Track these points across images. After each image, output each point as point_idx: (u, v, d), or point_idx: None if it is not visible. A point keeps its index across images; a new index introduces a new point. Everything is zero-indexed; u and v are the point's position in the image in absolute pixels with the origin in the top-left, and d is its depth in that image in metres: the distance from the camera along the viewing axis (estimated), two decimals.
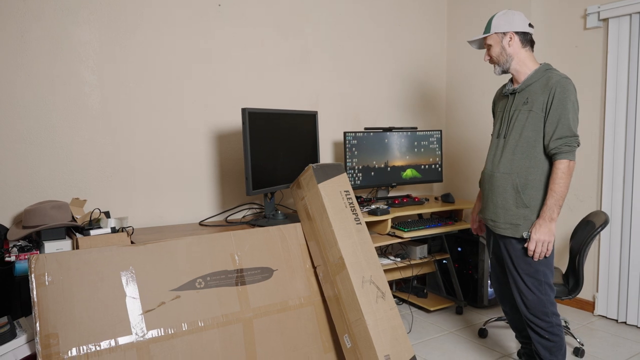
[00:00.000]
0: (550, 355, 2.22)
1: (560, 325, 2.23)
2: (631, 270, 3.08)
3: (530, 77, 2.19)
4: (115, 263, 1.90)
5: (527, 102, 2.16)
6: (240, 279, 2.14)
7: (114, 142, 2.61)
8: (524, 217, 2.16)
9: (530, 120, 2.14)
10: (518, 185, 2.16)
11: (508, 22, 2.20)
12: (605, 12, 3.08)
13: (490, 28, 2.24)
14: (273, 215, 2.66)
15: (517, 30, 2.19)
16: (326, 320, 2.33)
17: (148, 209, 2.72)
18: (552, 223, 2.08)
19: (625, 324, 3.16)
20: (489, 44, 2.26)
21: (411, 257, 3.34)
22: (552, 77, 2.12)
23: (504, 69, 2.25)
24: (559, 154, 2.07)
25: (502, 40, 2.21)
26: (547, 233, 2.08)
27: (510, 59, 2.22)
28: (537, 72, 2.18)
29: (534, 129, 2.13)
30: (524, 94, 2.19)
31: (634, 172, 3.03)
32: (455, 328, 3.15)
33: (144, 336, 1.86)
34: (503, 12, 2.23)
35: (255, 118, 2.52)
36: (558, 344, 2.22)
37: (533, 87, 2.16)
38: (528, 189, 2.15)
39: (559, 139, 2.07)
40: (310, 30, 3.27)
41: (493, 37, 2.23)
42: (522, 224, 2.16)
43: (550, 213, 2.08)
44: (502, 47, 2.21)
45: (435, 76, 3.99)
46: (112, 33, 2.56)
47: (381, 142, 3.34)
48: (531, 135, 2.14)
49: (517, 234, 2.18)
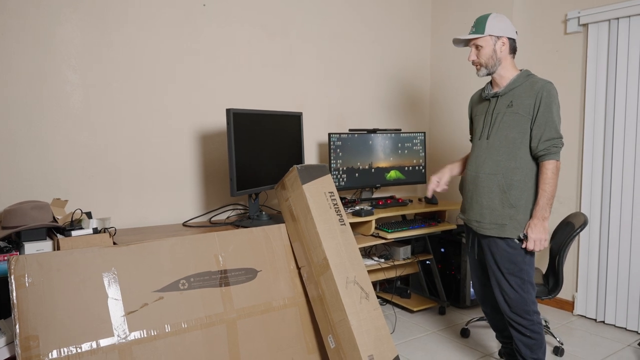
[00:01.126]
0: (531, 353, 2.26)
1: (541, 323, 2.27)
2: (609, 270, 3.15)
3: (514, 81, 2.22)
4: (97, 264, 1.88)
5: (511, 105, 2.20)
6: (224, 280, 2.14)
7: (96, 142, 2.58)
8: (509, 217, 2.19)
9: (515, 123, 2.18)
10: (504, 186, 2.19)
11: (503, 26, 2.21)
12: (585, 18, 3.14)
13: (485, 29, 2.21)
14: (257, 216, 2.66)
15: (510, 36, 2.23)
16: (310, 321, 2.33)
17: (131, 210, 2.70)
18: (545, 222, 2.14)
19: (603, 323, 3.22)
20: (480, 45, 2.23)
21: (395, 258, 3.36)
22: (536, 82, 2.17)
23: (490, 72, 2.26)
24: (548, 155, 2.13)
25: (496, 44, 2.22)
26: (542, 231, 2.14)
27: (498, 63, 2.24)
28: (520, 77, 2.23)
29: (520, 130, 2.17)
30: (507, 97, 2.23)
31: (612, 175, 3.09)
32: (438, 328, 3.17)
33: (126, 338, 1.84)
34: (495, 15, 2.23)
35: (239, 119, 2.52)
36: (539, 342, 2.26)
37: (517, 91, 2.20)
38: (513, 189, 2.18)
39: (547, 141, 2.12)
40: (296, 31, 3.28)
41: (486, 39, 2.22)
42: (508, 224, 2.20)
43: (543, 212, 2.13)
44: (494, 50, 2.22)
45: (419, 78, 4.03)
46: (95, 32, 2.54)
47: (365, 143, 3.36)
48: (517, 137, 2.18)
49: (503, 233, 2.21)
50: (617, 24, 3.01)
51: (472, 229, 2.38)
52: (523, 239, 2.18)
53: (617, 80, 3.03)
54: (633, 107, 2.98)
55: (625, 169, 3.04)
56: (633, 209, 3.01)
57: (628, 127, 3.01)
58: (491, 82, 2.34)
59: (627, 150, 3.02)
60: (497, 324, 2.53)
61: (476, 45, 2.25)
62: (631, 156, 3.01)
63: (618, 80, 3.03)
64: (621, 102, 3.03)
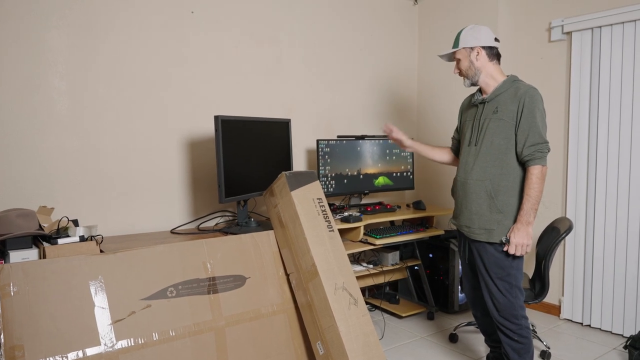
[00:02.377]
0: (519, 357, 2.28)
1: (528, 327, 2.30)
2: (595, 274, 3.19)
3: (499, 87, 2.26)
4: (83, 272, 1.87)
5: (496, 111, 2.24)
6: (212, 287, 2.13)
7: (83, 149, 2.56)
8: (497, 222, 2.22)
9: (501, 129, 2.21)
10: (491, 192, 2.22)
11: (475, 37, 2.28)
12: (569, 26, 3.19)
13: (459, 43, 2.31)
14: (246, 223, 2.65)
15: (483, 45, 2.28)
16: (299, 328, 2.33)
17: (118, 217, 2.68)
18: (529, 226, 2.16)
19: (589, 327, 3.26)
20: (458, 58, 2.34)
21: (383, 264, 3.37)
22: (520, 87, 2.21)
23: (473, 81, 2.33)
24: (533, 160, 2.15)
25: (470, 55, 2.29)
26: (525, 236, 2.16)
27: (478, 72, 2.30)
28: (505, 83, 2.26)
29: (505, 136, 2.21)
30: (493, 104, 2.26)
31: (597, 180, 3.14)
32: (426, 333, 3.19)
33: (113, 347, 1.83)
34: (470, 27, 2.31)
35: (228, 125, 2.52)
36: (526, 346, 2.28)
37: (502, 97, 2.24)
38: (501, 194, 2.21)
39: (531, 146, 2.15)
40: (285, 38, 3.29)
41: (461, 52, 2.32)
42: (496, 229, 2.22)
43: (527, 217, 2.15)
44: (470, 61, 2.29)
45: (407, 85, 4.06)
46: (82, 38, 2.53)
47: (354, 150, 3.38)
48: (502, 143, 2.21)
49: (491, 238, 2.24)
50: (600, 32, 3.07)
51: (463, 234, 2.40)
52: (505, 242, 2.20)
53: (600, 87, 3.09)
54: (615, 114, 3.03)
55: (609, 174, 3.08)
56: (617, 214, 3.06)
57: (611, 133, 3.06)
58: (480, 88, 2.38)
59: (611, 155, 3.07)
60: (487, 327, 2.55)
61: (456, 58, 2.36)
62: (614, 162, 3.06)
63: (601, 86, 3.08)
64: (604, 109, 3.08)
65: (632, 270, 3.02)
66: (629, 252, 3.03)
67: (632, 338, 2.64)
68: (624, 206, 3.03)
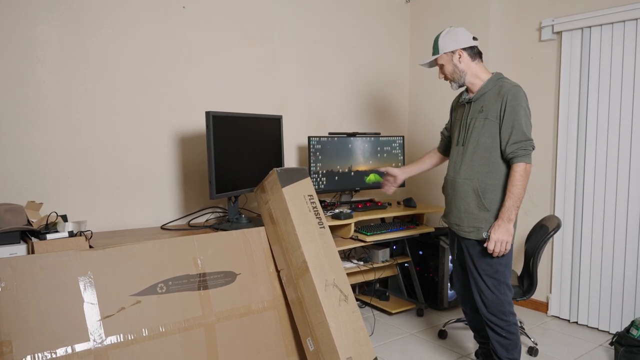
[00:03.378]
0: (507, 353, 2.31)
1: (516, 324, 2.32)
2: (582, 272, 3.22)
3: (484, 86, 2.28)
4: (72, 268, 1.86)
5: (482, 110, 2.26)
6: (202, 284, 2.13)
7: (72, 144, 2.54)
8: (485, 220, 2.25)
9: (486, 128, 2.23)
10: (478, 190, 2.25)
11: (453, 40, 2.28)
12: (559, 26, 3.22)
13: (438, 49, 2.32)
14: (237, 219, 2.65)
15: (464, 46, 2.28)
16: (289, 324, 2.34)
17: (108, 213, 2.66)
18: (510, 223, 2.17)
19: (577, 323, 3.30)
20: (441, 63, 2.34)
21: (374, 261, 3.38)
22: (503, 85, 2.22)
23: (460, 84, 2.35)
24: (516, 158, 2.17)
25: (452, 59, 2.30)
26: (505, 233, 2.17)
27: (464, 74, 2.31)
28: (490, 81, 2.28)
29: (490, 135, 2.23)
30: (479, 103, 2.28)
31: (585, 178, 3.17)
32: (416, 330, 3.21)
33: (102, 342, 1.82)
34: (446, 32, 2.32)
35: (219, 121, 2.51)
36: (514, 342, 2.31)
37: (487, 95, 2.26)
38: (488, 192, 2.24)
39: (514, 144, 2.17)
40: (277, 35, 3.29)
41: (443, 57, 2.32)
42: (484, 227, 2.25)
43: (509, 214, 2.16)
44: (454, 64, 2.30)
45: (399, 83, 4.07)
46: (72, 33, 2.50)
47: (345, 147, 3.39)
48: (488, 141, 2.23)
49: (479, 236, 2.26)
50: (590, 32, 3.10)
51: (454, 231, 2.43)
52: (486, 239, 2.22)
53: (590, 86, 3.12)
54: (604, 113, 3.06)
55: (597, 173, 3.12)
56: (604, 213, 3.10)
57: (600, 132, 3.09)
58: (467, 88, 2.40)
59: (599, 154, 3.10)
60: (476, 324, 2.57)
61: (439, 64, 2.36)
62: (602, 161, 3.09)
63: (590, 86, 3.11)
64: (593, 108, 3.11)
65: (618, 268, 3.06)
66: (615, 251, 3.06)
67: (618, 335, 2.67)
68: (611, 205, 3.07)
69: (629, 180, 2.98)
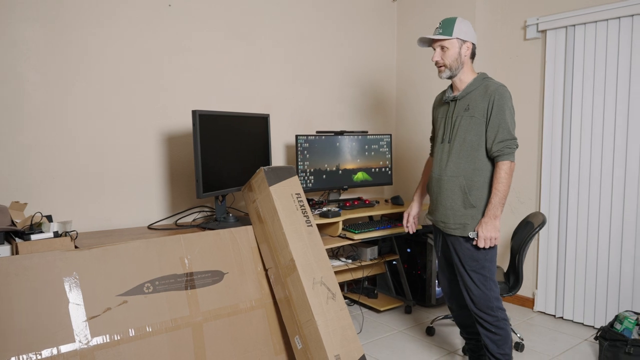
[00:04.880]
0: (498, 348, 2.32)
1: (506, 319, 2.33)
2: (567, 268, 3.26)
3: (470, 85, 2.28)
4: (57, 268, 1.84)
5: (468, 109, 2.26)
6: (190, 283, 2.12)
7: (58, 143, 2.51)
8: (471, 217, 2.26)
9: (472, 126, 2.24)
10: (465, 187, 2.26)
11: (469, 31, 2.26)
12: (543, 24, 3.25)
13: (453, 31, 2.23)
14: (224, 218, 2.64)
15: (473, 41, 2.29)
16: (277, 323, 2.34)
17: (94, 213, 2.64)
18: (496, 220, 2.20)
19: (562, 319, 3.34)
20: (446, 46, 2.25)
21: (362, 259, 3.40)
22: (490, 85, 2.24)
23: (453, 74, 2.30)
24: (501, 156, 2.19)
25: (461, 47, 2.26)
26: (492, 230, 2.20)
27: (460, 67, 2.28)
28: (476, 80, 2.29)
29: (477, 133, 2.24)
30: (464, 101, 2.29)
31: (569, 176, 3.21)
32: (404, 327, 3.23)
33: (88, 343, 1.81)
34: (462, 20, 2.26)
35: (206, 120, 2.50)
36: (504, 337, 2.32)
37: (473, 94, 2.27)
38: (474, 190, 2.26)
39: (500, 142, 2.19)
40: (263, 33, 3.28)
41: (453, 42, 2.25)
42: (470, 223, 2.27)
43: (495, 211, 2.19)
44: (459, 53, 2.26)
45: (386, 81, 4.08)
46: (57, 31, 2.47)
47: (333, 145, 3.39)
48: (474, 139, 2.25)
49: (465, 233, 2.28)
50: (574, 31, 3.13)
51: (439, 229, 2.44)
52: (474, 237, 2.24)
53: (574, 84, 3.15)
54: (588, 111, 3.10)
55: (582, 171, 3.16)
56: (589, 209, 3.14)
57: (584, 130, 3.13)
58: (451, 85, 2.39)
59: (583, 152, 3.14)
60: (462, 320, 2.59)
61: (442, 46, 2.27)
62: (587, 158, 3.13)
63: (574, 84, 3.15)
64: (577, 106, 3.15)
65: (602, 264, 3.10)
66: (600, 247, 3.11)
67: (603, 329, 2.71)
68: (595, 202, 3.11)
69: (613, 177, 3.02)
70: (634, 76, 2.90)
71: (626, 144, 2.96)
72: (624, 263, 3.01)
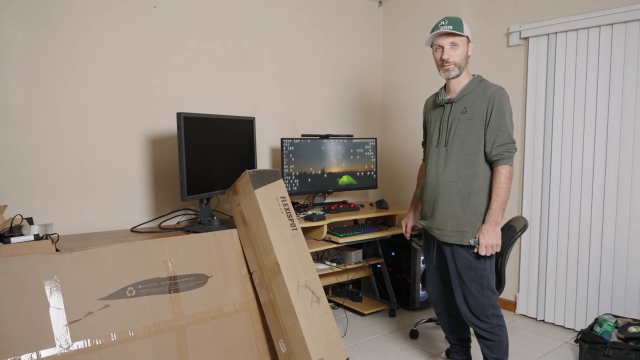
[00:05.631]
0: (492, 353, 2.30)
1: (502, 325, 2.28)
2: (549, 272, 3.31)
3: (467, 87, 2.23)
4: (38, 272, 1.81)
5: (465, 111, 2.20)
6: (173, 286, 2.10)
7: (38, 145, 2.48)
8: (470, 224, 2.20)
9: (471, 129, 2.19)
10: (464, 193, 2.20)
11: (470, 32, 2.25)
12: (526, 32, 3.30)
13: (464, 30, 2.19)
14: (209, 221, 2.63)
15: None
16: (262, 326, 2.33)
17: (76, 215, 2.61)
18: (497, 226, 2.14)
19: (543, 322, 3.38)
20: (457, 43, 2.20)
21: (346, 262, 3.40)
22: (488, 87, 2.20)
23: (456, 74, 2.23)
24: (501, 160, 2.15)
25: (469, 47, 2.24)
26: (494, 237, 2.14)
27: (464, 66, 2.24)
28: (472, 82, 2.24)
29: (475, 137, 2.19)
30: (461, 103, 2.23)
31: (551, 180, 3.26)
32: (388, 330, 3.24)
33: (69, 348, 1.78)
34: None
35: (191, 123, 2.49)
36: (498, 343, 2.28)
37: (470, 96, 2.21)
38: (473, 196, 2.19)
39: (500, 146, 2.15)
40: (249, 36, 3.28)
41: (464, 40, 2.22)
42: (469, 231, 2.20)
43: (496, 217, 2.14)
44: (466, 53, 2.23)
45: (371, 85, 4.11)
46: (38, 31, 2.44)
47: (318, 149, 3.40)
48: (473, 143, 2.19)
49: (464, 241, 2.21)
50: (555, 38, 3.19)
51: (433, 236, 2.36)
52: (475, 245, 2.17)
53: (555, 90, 3.21)
54: (569, 116, 3.16)
55: (563, 176, 3.21)
56: (570, 214, 3.19)
57: (565, 135, 3.18)
58: (445, 87, 2.34)
59: (565, 156, 3.19)
60: (450, 327, 2.54)
61: (453, 43, 2.20)
62: (568, 163, 3.18)
63: (556, 90, 3.20)
64: (559, 111, 3.20)
65: (583, 268, 3.15)
66: (580, 251, 3.16)
67: (583, 332, 2.75)
68: (576, 206, 3.16)
69: (593, 182, 3.08)
70: (613, 82, 2.96)
71: (606, 149, 3.01)
72: (604, 267, 3.06)
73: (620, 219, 2.98)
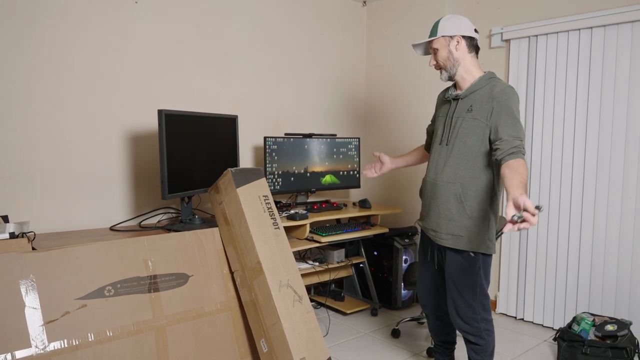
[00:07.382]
0: (476, 355, 2.27)
1: (489, 330, 2.24)
2: (528, 271, 3.35)
3: (475, 84, 2.13)
4: (13, 271, 1.77)
5: (471, 110, 2.11)
6: (153, 286, 2.07)
7: (13, 141, 2.42)
8: (466, 229, 2.12)
9: (474, 129, 2.09)
10: (461, 195, 2.12)
11: (455, 25, 2.13)
12: (508, 34, 3.34)
13: (437, 31, 2.15)
14: (190, 220, 2.60)
15: (464, 34, 2.13)
16: (243, 326, 2.32)
17: (53, 213, 2.55)
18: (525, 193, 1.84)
19: (522, 320, 3.42)
20: (436, 47, 2.16)
21: (329, 261, 3.40)
22: (496, 86, 2.09)
23: (451, 74, 2.17)
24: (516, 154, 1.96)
25: (449, 44, 2.14)
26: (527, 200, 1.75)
27: (457, 64, 2.15)
28: (482, 79, 2.13)
29: (479, 137, 2.09)
30: (467, 101, 2.14)
31: (530, 181, 3.30)
32: (370, 329, 3.24)
33: (45, 349, 1.75)
34: (449, 16, 2.17)
35: (172, 120, 2.46)
36: (484, 347, 2.25)
37: (477, 94, 2.11)
38: (470, 199, 2.11)
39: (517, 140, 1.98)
40: (231, 33, 3.25)
41: (440, 41, 2.15)
42: (464, 236, 2.13)
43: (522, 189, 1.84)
44: (449, 51, 2.14)
45: (355, 85, 4.11)
46: (15, 25, 2.38)
47: (301, 148, 3.39)
48: (475, 144, 2.10)
49: (458, 245, 2.14)
50: (536, 41, 3.23)
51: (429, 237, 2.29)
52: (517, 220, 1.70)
53: (536, 92, 3.25)
54: (549, 117, 3.20)
55: (542, 176, 3.25)
56: (549, 214, 3.23)
57: (545, 135, 3.23)
58: (455, 83, 2.24)
59: (544, 158, 3.24)
60: (436, 329, 2.50)
61: (432, 48, 2.19)
62: (547, 163, 3.23)
63: (536, 91, 3.25)
64: (539, 112, 3.25)
65: (562, 268, 3.20)
66: (559, 250, 3.20)
67: (561, 330, 2.79)
68: (555, 207, 3.21)
69: (572, 183, 3.12)
70: (592, 85, 3.01)
71: (585, 150, 3.06)
72: (582, 266, 3.11)
73: (597, 222, 3.04)
